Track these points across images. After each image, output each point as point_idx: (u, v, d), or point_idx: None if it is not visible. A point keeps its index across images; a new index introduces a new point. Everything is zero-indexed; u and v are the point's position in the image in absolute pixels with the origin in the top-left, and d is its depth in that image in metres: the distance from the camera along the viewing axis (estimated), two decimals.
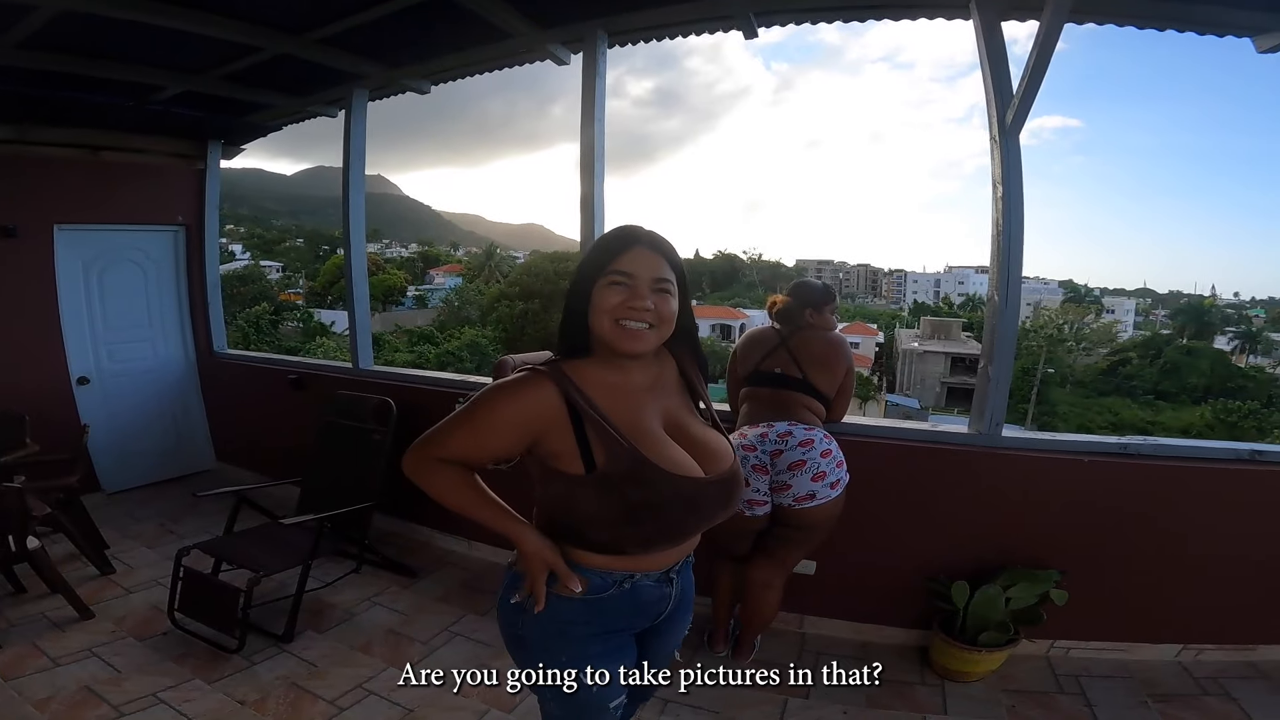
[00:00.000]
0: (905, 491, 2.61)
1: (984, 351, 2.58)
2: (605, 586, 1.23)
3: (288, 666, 2.54)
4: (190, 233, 4.69)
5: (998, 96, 2.39)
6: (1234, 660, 2.53)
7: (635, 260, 1.19)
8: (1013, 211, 2.38)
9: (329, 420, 3.49)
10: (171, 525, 3.87)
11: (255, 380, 4.54)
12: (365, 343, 3.93)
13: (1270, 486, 2.43)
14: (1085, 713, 2.30)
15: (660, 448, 1.19)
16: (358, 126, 3.71)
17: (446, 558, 3.50)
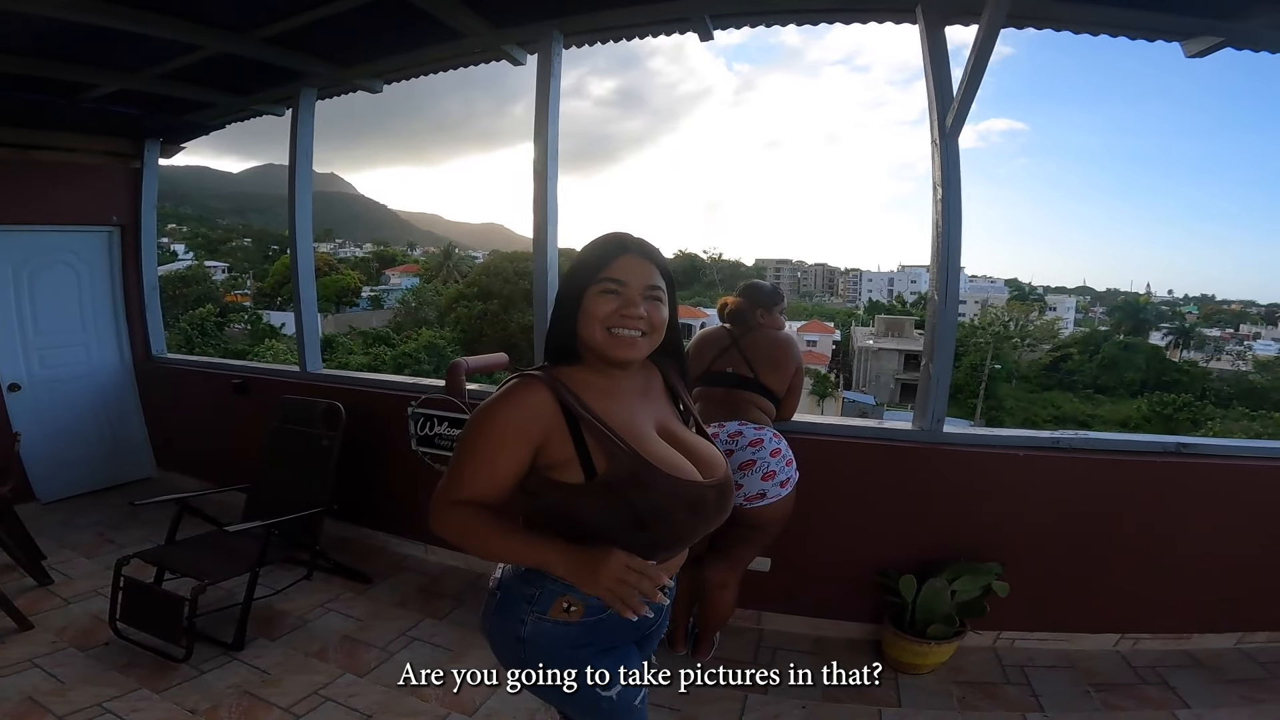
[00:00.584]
0: (854, 487, 2.65)
1: (925, 349, 2.65)
2: (603, 608, 1.16)
3: (239, 675, 2.49)
4: (126, 233, 4.51)
5: (939, 100, 2.45)
6: (1170, 649, 2.62)
7: (627, 268, 1.17)
8: (951, 212, 2.44)
9: (276, 425, 3.41)
10: (111, 535, 3.72)
11: (197, 385, 4.39)
12: (313, 345, 3.85)
13: (1196, 478, 2.52)
14: (1031, 702, 2.36)
15: (659, 451, 1.17)
16: (305, 125, 3.62)
17: (403, 562, 3.45)
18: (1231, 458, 2.53)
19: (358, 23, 2.83)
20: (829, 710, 2.31)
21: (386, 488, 3.56)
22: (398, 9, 2.65)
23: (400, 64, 3.32)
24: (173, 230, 76.12)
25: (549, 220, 2.95)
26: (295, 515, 2.92)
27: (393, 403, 3.34)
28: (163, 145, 4.48)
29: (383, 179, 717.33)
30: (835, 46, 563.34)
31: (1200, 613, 2.63)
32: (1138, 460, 2.52)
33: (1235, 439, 2.92)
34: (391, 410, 3.33)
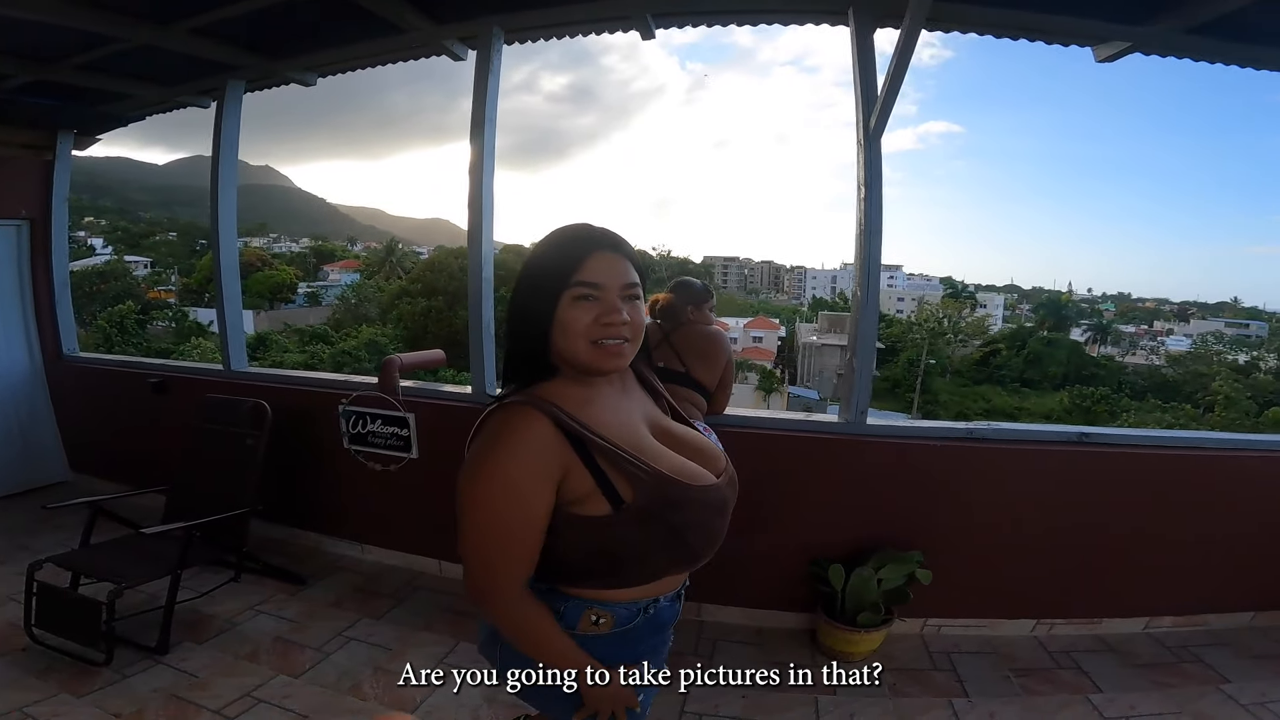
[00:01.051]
0: (786, 479, 2.67)
1: (849, 344, 2.73)
2: (632, 617, 1.11)
3: (165, 678, 2.42)
4: (36, 227, 4.26)
5: (864, 100, 2.52)
6: (1083, 634, 2.74)
7: (601, 268, 1.02)
8: (874, 211, 2.52)
9: (197, 425, 3.29)
10: (24, 540, 3.53)
11: (112, 385, 4.17)
12: (238, 343, 3.72)
13: (1098, 467, 2.63)
14: (957, 688, 2.44)
15: (674, 463, 1.07)
16: (231, 119, 3.49)
17: (338, 563, 3.38)
18: (1131, 446, 2.65)
19: (290, 16, 2.76)
20: (769, 699, 2.36)
21: (319, 487, 3.47)
22: (333, 2, 2.59)
23: (335, 57, 3.24)
24: (90, 224, 71.63)
25: (484, 218, 2.93)
26: (218, 516, 2.84)
27: (323, 400, 3.26)
28: (77, 137, 4.26)
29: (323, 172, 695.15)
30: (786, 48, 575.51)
31: (1109, 598, 2.75)
32: (1044, 450, 2.63)
33: (1133, 429, 3.10)
34: (322, 408, 3.26)
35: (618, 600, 1.09)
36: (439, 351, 3.54)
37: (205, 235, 57.63)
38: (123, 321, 30.08)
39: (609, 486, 1.00)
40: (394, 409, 3.05)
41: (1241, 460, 2.68)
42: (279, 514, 3.44)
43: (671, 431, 1.16)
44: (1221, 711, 2.31)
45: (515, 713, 2.22)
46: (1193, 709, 2.32)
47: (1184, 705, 2.34)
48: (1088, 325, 57.04)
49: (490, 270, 2.98)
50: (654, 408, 1.20)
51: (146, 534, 2.65)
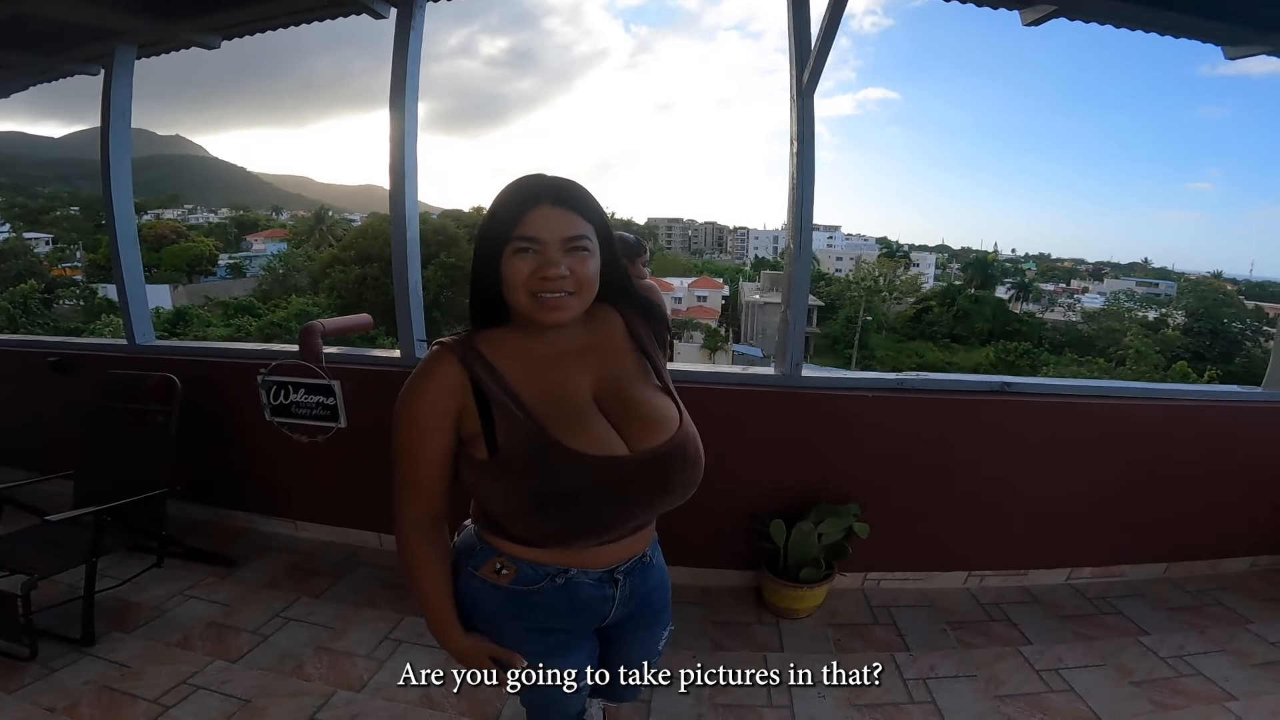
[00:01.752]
0: (724, 434, 2.59)
1: (783, 297, 2.75)
2: (535, 579, 1.10)
3: (94, 670, 2.31)
4: None
5: (798, 57, 2.49)
6: (1010, 585, 2.83)
7: (541, 222, 1.01)
8: (806, 166, 2.51)
9: (100, 405, 3.07)
10: None
11: (6, 366, 3.85)
12: (141, 315, 3.47)
13: (1020, 415, 2.70)
14: (898, 642, 2.51)
15: (575, 424, 1.03)
16: (121, 86, 3.18)
17: (271, 542, 3.26)
18: (1050, 395, 2.73)
19: None
20: (718, 658, 2.40)
21: (243, 464, 3.31)
22: None
23: (240, 18, 2.96)
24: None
25: (408, 177, 2.78)
26: (130, 499, 2.67)
27: (241, 372, 3.07)
28: None
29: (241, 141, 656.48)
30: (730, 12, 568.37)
31: (1033, 549, 2.84)
32: (969, 399, 2.69)
33: (1052, 379, 3.24)
34: (239, 380, 3.07)
35: (522, 557, 1.10)
36: (365, 316, 3.38)
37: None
38: (25, 301, 27.97)
39: (491, 432, 1.02)
40: (318, 377, 2.91)
41: (1153, 409, 2.79)
42: (203, 494, 3.29)
43: (624, 397, 1.09)
44: (1143, 664, 2.40)
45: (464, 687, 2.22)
46: (1116, 661, 2.42)
47: (1108, 657, 2.43)
48: (1012, 284, 59.91)
49: (415, 231, 2.85)
50: (628, 369, 1.14)
51: (53, 521, 2.48)
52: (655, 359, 1.20)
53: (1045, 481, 2.79)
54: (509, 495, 1.03)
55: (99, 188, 3.38)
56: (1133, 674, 2.36)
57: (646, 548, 1.22)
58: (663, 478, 1.06)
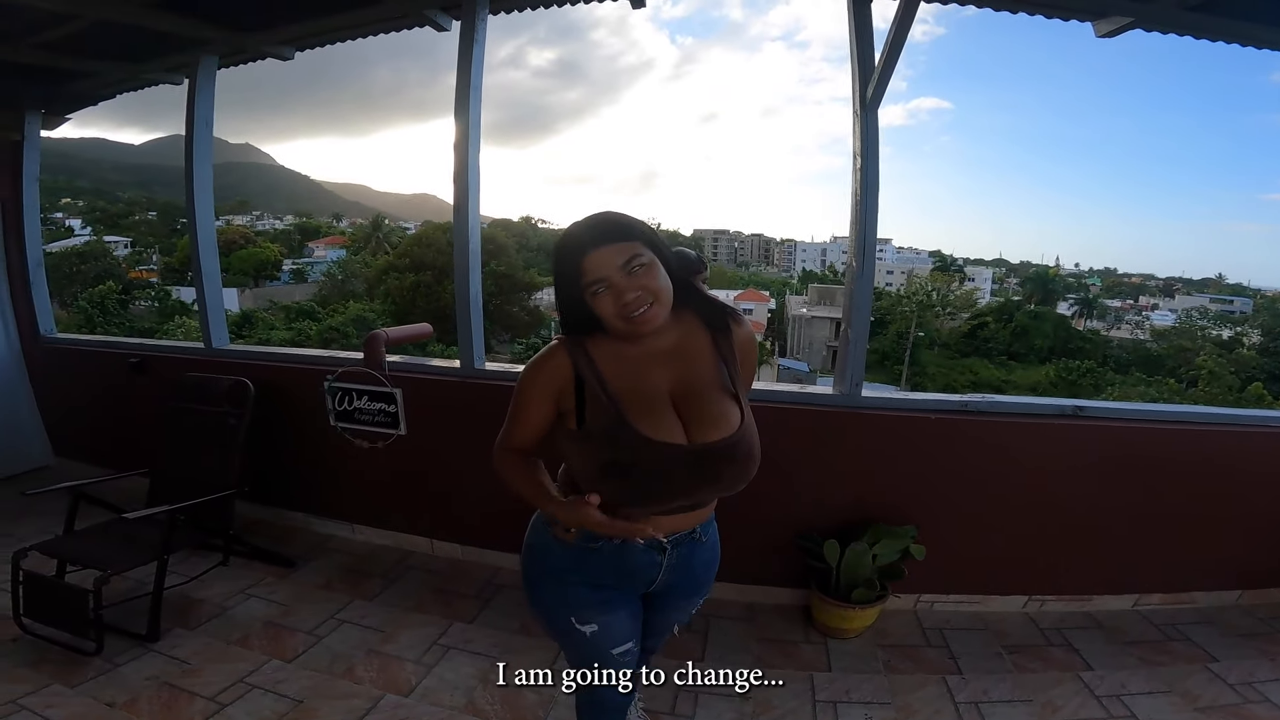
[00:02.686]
0: (777, 452, 2.59)
1: (844, 316, 2.69)
2: (595, 537, 1.32)
3: (156, 666, 2.39)
4: (6, 209, 4.13)
5: (861, 71, 2.46)
6: (1073, 611, 2.75)
7: (597, 264, 1.20)
8: (870, 182, 2.47)
9: (177, 406, 3.22)
10: (9, 528, 3.46)
11: (91, 366, 4.08)
12: (218, 320, 3.63)
13: (1091, 441, 2.60)
14: (950, 665, 2.45)
15: (648, 411, 1.24)
16: (204, 96, 3.36)
17: (327, 543, 3.35)
18: (1125, 420, 2.62)
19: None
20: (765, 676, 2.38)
21: (306, 467, 3.42)
22: None
23: (312, 29, 3.10)
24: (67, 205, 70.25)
25: (471, 191, 2.84)
26: (202, 499, 2.79)
27: (308, 377, 3.18)
28: (45, 117, 4.12)
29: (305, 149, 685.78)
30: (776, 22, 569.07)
31: (1099, 575, 2.75)
32: (1038, 423, 2.60)
33: (1129, 402, 3.09)
34: (307, 386, 3.18)
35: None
36: (425, 325, 3.45)
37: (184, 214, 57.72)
38: (104, 302, 29.65)
39: (581, 410, 1.26)
40: (380, 384, 2.99)
41: (1231, 436, 2.66)
42: (266, 494, 3.40)
43: (695, 397, 1.28)
44: (1209, 690, 2.32)
45: (508, 694, 2.22)
46: (1181, 687, 2.33)
47: (1173, 683, 2.35)
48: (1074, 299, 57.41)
49: (477, 243, 2.91)
50: (705, 375, 1.31)
51: (129, 519, 2.60)
52: (732, 366, 1.35)
53: (1114, 507, 2.68)
54: (583, 458, 1.27)
55: (175, 193, 3.59)
56: (1198, 700, 2.28)
57: (698, 525, 1.40)
58: (713, 469, 1.25)
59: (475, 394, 2.87)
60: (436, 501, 3.15)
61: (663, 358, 1.29)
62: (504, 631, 2.63)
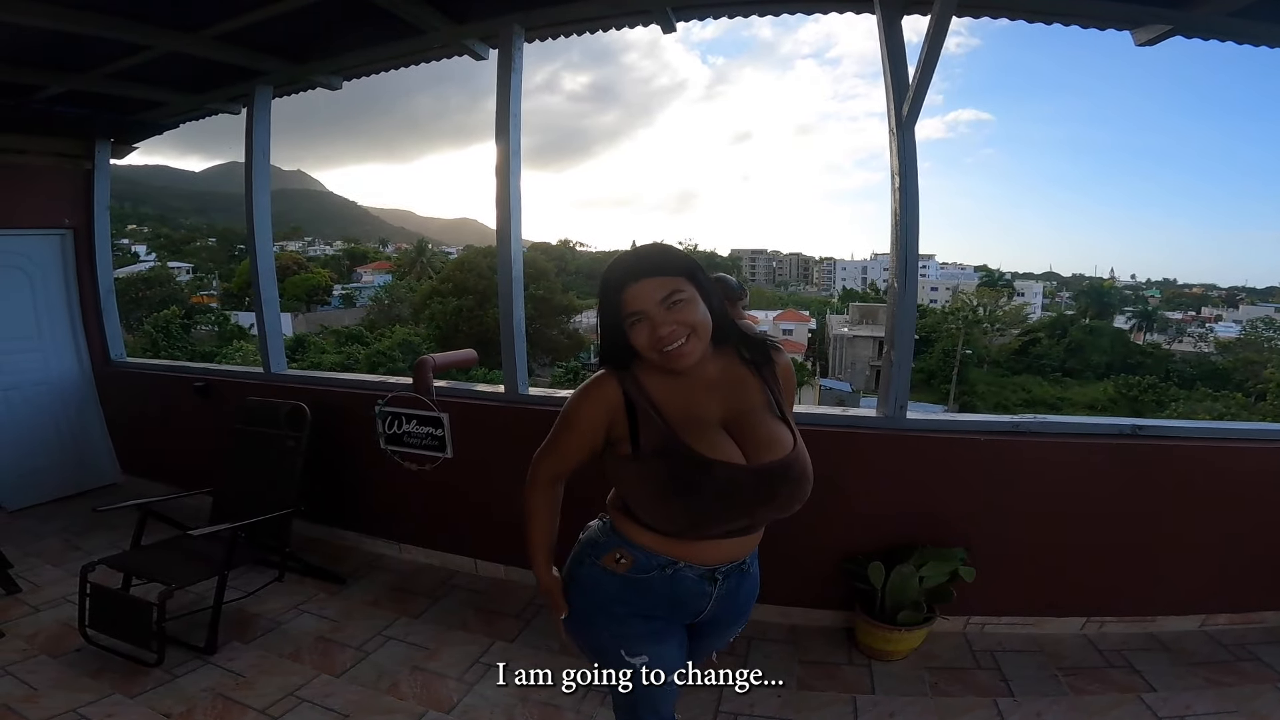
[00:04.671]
0: (822, 475, 2.56)
1: (886, 337, 2.66)
2: (648, 567, 1.32)
3: (213, 678, 2.48)
4: (79, 236, 4.38)
5: (895, 89, 2.45)
6: (1135, 632, 2.65)
7: (637, 296, 1.23)
8: (909, 201, 2.45)
9: (239, 428, 3.37)
10: (77, 541, 3.67)
11: (158, 389, 4.30)
12: (276, 346, 3.78)
13: (1151, 460, 2.53)
14: (1002, 687, 2.37)
15: (702, 434, 1.24)
16: (261, 124, 3.55)
17: (376, 562, 3.44)
18: (1188, 439, 2.55)
19: (312, 19, 2.78)
20: (804, 698, 2.33)
21: (357, 487, 3.53)
22: (353, 5, 2.61)
23: (359, 60, 3.27)
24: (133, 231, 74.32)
25: (513, 217, 2.93)
26: (262, 517, 2.90)
27: (360, 402, 3.31)
28: (114, 145, 4.36)
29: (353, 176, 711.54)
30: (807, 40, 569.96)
31: (1162, 595, 2.65)
32: (1095, 443, 2.54)
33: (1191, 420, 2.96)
34: (359, 409, 3.30)
35: (641, 544, 1.32)
36: (471, 351, 3.55)
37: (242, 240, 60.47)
38: (168, 326, 31.12)
39: (635, 435, 1.26)
40: (428, 409, 3.08)
41: None
42: (319, 513, 3.51)
43: (746, 423, 1.29)
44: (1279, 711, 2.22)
45: (547, 712, 2.23)
46: (1250, 708, 2.23)
47: (1241, 704, 2.25)
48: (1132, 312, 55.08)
49: (520, 269, 2.98)
50: (754, 402, 1.32)
51: (194, 536, 2.72)
52: (776, 392, 1.36)
53: (1177, 527, 2.59)
54: (642, 480, 1.26)
55: (232, 219, 3.78)
56: None
57: (747, 556, 1.40)
58: (770, 489, 1.25)
59: (519, 418, 2.92)
60: (481, 522, 3.20)
61: (710, 385, 1.31)
62: (544, 651, 2.65)
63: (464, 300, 33.04)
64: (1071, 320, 47.97)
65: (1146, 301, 62.75)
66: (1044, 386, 39.40)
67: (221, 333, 34.48)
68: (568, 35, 2.92)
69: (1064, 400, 36.21)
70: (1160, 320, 55.18)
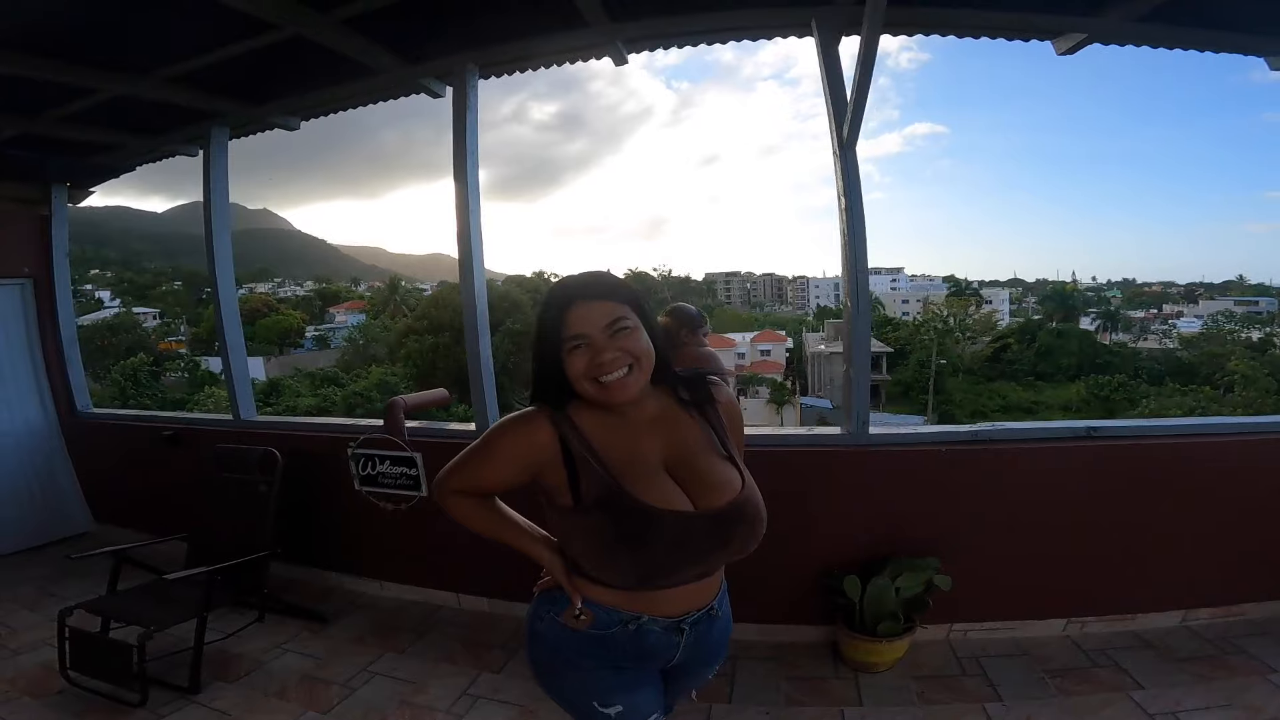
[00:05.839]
0: (793, 495, 2.56)
1: (844, 355, 2.71)
2: (610, 624, 1.22)
3: (198, 717, 2.46)
4: (39, 284, 4.31)
5: (836, 111, 2.52)
6: (1118, 631, 2.66)
7: (580, 318, 1.15)
8: (855, 220, 2.50)
9: (211, 475, 3.37)
10: (52, 589, 3.62)
11: (127, 439, 4.25)
12: (245, 391, 3.77)
13: (1112, 460, 2.59)
14: (989, 692, 2.37)
15: (646, 481, 1.17)
16: (218, 165, 3.56)
17: (359, 600, 3.41)
18: (1142, 438, 2.62)
19: (264, 62, 2.82)
20: (792, 715, 2.33)
21: (335, 528, 3.52)
22: (304, 49, 2.65)
23: (315, 100, 3.31)
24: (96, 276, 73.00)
25: (474, 252, 2.97)
26: (238, 561, 2.89)
27: (333, 445, 3.32)
28: (71, 189, 4.30)
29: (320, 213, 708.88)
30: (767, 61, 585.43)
31: (1141, 592, 2.68)
32: (1053, 447, 2.60)
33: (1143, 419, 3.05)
34: (332, 452, 3.31)
35: (598, 601, 1.22)
36: (442, 391, 3.57)
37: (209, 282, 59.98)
38: (136, 374, 30.50)
39: (575, 484, 1.17)
40: (401, 449, 3.10)
41: (1260, 444, 2.63)
42: (299, 555, 3.48)
43: (690, 464, 1.22)
44: (1273, 701, 2.22)
45: None
46: (1242, 701, 2.23)
47: (1233, 698, 2.25)
48: (1096, 314, 56.58)
49: (484, 305, 3.03)
50: (695, 440, 1.25)
51: (170, 580, 2.70)
52: (721, 431, 1.30)
53: (1149, 524, 2.64)
54: (586, 536, 1.18)
55: (198, 260, 3.75)
56: (1261, 712, 2.18)
57: (713, 600, 1.30)
58: (723, 534, 1.19)
59: None
60: (461, 557, 3.19)
61: (649, 426, 1.23)
62: (531, 681, 2.63)
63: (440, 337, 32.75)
64: (1039, 325, 49.08)
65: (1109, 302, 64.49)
66: (1018, 391, 40.10)
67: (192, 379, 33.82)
68: (523, 70, 2.98)
69: (1038, 404, 36.87)
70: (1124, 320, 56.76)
